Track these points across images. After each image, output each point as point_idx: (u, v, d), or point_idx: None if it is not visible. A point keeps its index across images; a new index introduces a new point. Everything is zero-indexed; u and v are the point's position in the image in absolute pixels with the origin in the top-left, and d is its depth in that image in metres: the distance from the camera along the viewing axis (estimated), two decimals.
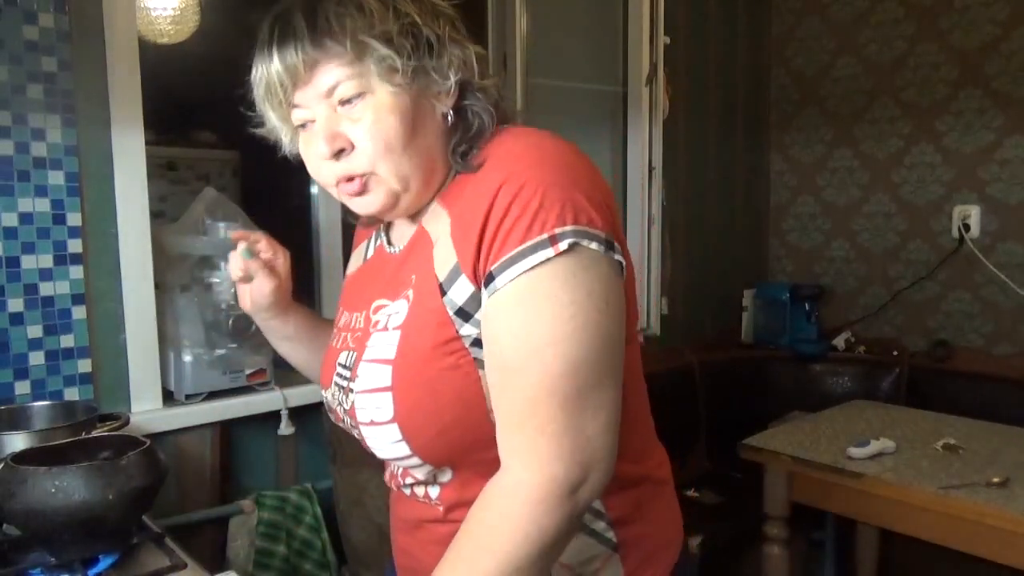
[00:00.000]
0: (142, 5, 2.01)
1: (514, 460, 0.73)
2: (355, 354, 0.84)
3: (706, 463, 2.65)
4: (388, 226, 0.93)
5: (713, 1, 2.89)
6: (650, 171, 2.56)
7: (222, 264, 1.64)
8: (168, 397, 1.64)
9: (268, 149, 0.88)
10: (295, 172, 0.92)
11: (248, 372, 1.69)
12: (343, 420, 0.88)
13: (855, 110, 2.89)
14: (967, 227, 2.61)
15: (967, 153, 2.62)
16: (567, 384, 0.71)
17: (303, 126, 0.80)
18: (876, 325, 2.87)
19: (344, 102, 0.77)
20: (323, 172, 0.81)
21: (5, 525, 1.09)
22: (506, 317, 0.73)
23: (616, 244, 0.75)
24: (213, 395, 1.66)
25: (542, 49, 2.33)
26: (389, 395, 0.78)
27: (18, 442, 1.16)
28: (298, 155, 0.85)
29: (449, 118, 0.81)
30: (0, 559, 1.03)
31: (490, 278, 0.73)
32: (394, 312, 0.81)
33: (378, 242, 0.95)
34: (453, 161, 0.81)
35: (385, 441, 0.80)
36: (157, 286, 1.60)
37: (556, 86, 2.40)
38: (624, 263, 0.77)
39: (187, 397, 1.64)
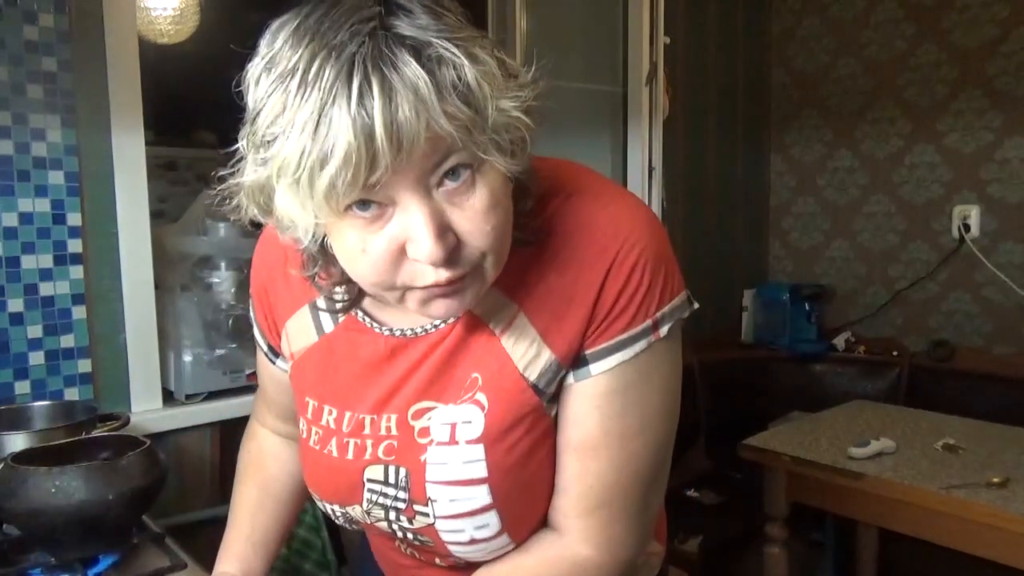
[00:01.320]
0: (142, 5, 2.01)
1: (586, 540, 0.71)
2: (405, 470, 0.71)
3: (706, 463, 2.65)
4: (359, 297, 0.73)
5: (713, 1, 2.89)
6: (650, 171, 2.55)
7: (222, 264, 1.65)
8: (168, 397, 1.64)
9: None
10: None
11: (248, 372, 1.69)
12: (398, 534, 0.75)
13: (855, 110, 2.89)
14: (967, 227, 2.60)
15: (967, 153, 2.62)
16: (649, 468, 0.71)
17: (361, 206, 0.56)
18: (876, 325, 2.86)
19: (447, 175, 0.56)
20: (403, 273, 0.59)
21: (5, 525, 1.09)
22: (596, 403, 0.68)
23: (689, 294, 0.72)
24: (213, 395, 1.66)
25: (542, 49, 2.32)
26: (493, 512, 0.69)
27: (18, 442, 1.16)
28: (317, 239, 0.62)
29: (511, 184, 0.63)
30: (0, 559, 1.03)
31: (582, 362, 0.68)
32: (459, 421, 0.69)
33: (337, 314, 0.75)
34: (517, 229, 0.65)
35: (486, 551, 0.72)
36: (157, 286, 1.60)
37: (556, 86, 2.40)
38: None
39: (187, 397, 1.64)
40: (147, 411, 1.58)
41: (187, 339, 1.63)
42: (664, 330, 0.68)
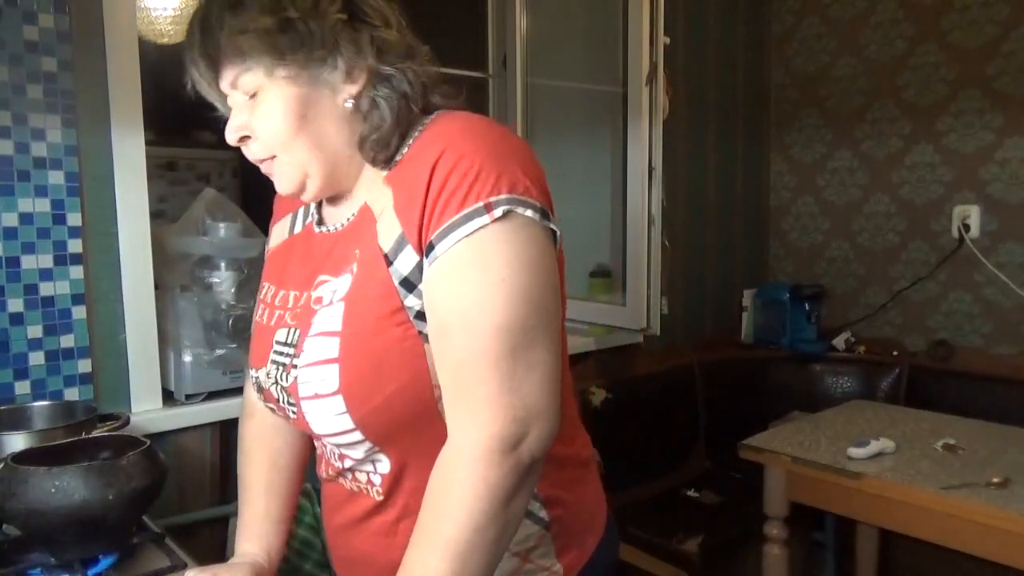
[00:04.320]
0: (142, 5, 2.01)
1: (455, 426, 0.76)
2: (298, 331, 0.85)
3: (706, 463, 2.65)
4: (319, 205, 0.94)
5: (713, 1, 2.89)
6: (650, 171, 2.55)
7: (222, 264, 1.65)
8: (168, 397, 1.64)
9: None
10: None
11: None
12: (278, 398, 0.88)
13: (855, 110, 2.89)
14: (967, 227, 2.60)
15: (967, 153, 2.62)
16: (497, 345, 0.74)
17: None
18: (876, 325, 2.86)
19: (249, 95, 0.81)
20: None
21: (5, 525, 1.09)
22: (442, 283, 0.76)
23: (550, 214, 0.79)
24: (213, 395, 1.66)
25: (542, 49, 2.33)
26: (335, 367, 0.79)
27: (18, 442, 1.16)
28: None
29: (348, 104, 0.82)
30: (0, 559, 1.03)
31: (430, 247, 0.76)
32: (338, 287, 0.83)
33: (307, 220, 0.95)
34: (363, 154, 0.83)
35: (328, 413, 0.81)
36: (157, 286, 1.60)
37: (556, 86, 2.41)
38: (558, 233, 0.81)
39: (187, 397, 1.64)
40: (147, 411, 1.59)
41: (187, 339, 1.63)
42: (499, 211, 0.74)
